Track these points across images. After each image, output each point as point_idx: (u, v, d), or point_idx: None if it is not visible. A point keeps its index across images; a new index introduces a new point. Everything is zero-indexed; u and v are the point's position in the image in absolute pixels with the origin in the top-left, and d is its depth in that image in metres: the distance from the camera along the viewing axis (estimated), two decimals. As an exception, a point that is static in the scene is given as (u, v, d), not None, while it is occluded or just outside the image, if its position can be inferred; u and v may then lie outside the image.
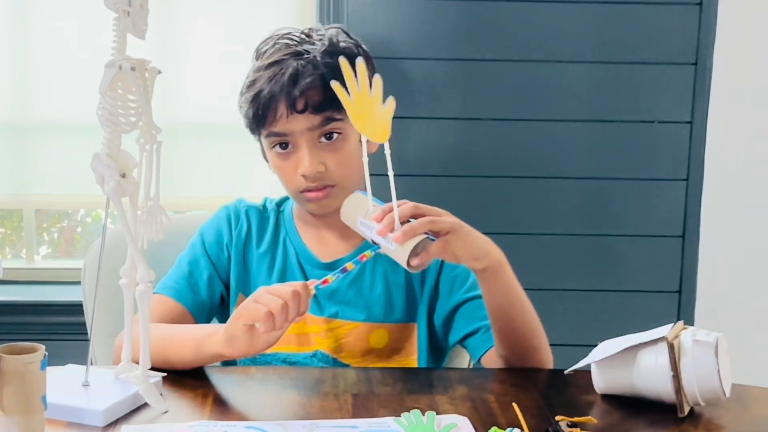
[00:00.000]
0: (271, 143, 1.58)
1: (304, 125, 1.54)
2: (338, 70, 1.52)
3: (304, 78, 1.53)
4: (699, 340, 1.33)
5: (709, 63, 2.71)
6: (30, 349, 1.09)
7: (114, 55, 1.25)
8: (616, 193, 2.76)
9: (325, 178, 1.56)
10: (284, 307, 1.31)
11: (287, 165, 1.57)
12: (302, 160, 1.54)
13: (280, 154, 1.57)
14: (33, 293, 2.82)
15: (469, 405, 1.37)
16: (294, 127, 1.54)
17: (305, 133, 1.54)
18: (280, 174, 1.60)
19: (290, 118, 1.54)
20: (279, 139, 1.56)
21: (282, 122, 1.54)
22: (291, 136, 1.55)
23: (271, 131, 1.56)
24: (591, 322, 2.78)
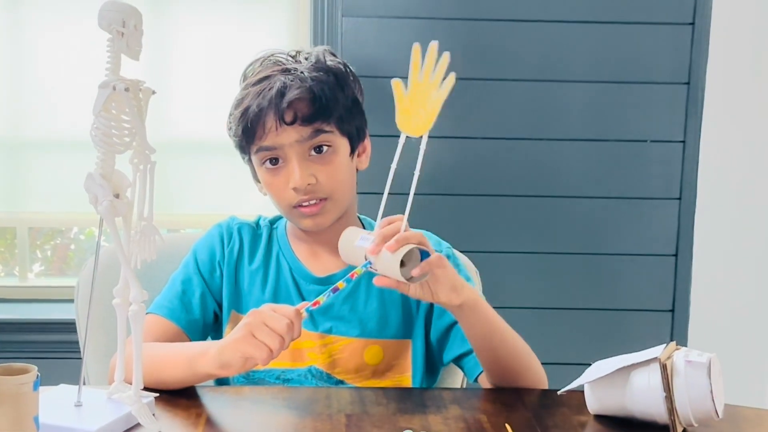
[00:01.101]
0: (261, 159, 1.58)
1: (294, 137, 1.54)
2: (326, 84, 1.55)
3: (291, 90, 1.54)
4: (692, 361, 1.33)
5: (702, 82, 2.72)
6: (23, 370, 1.09)
7: (108, 76, 1.25)
8: (609, 211, 2.77)
9: (316, 191, 1.56)
10: (281, 342, 1.33)
11: (278, 180, 1.57)
12: (293, 172, 1.55)
13: (270, 170, 1.58)
14: (26, 311, 2.81)
15: (462, 425, 1.37)
16: (283, 140, 1.55)
17: (294, 145, 1.55)
18: (271, 191, 1.60)
19: (279, 131, 1.54)
20: (269, 154, 1.57)
21: (271, 135, 1.55)
22: (281, 149, 1.55)
23: (261, 146, 1.56)
24: (584, 341, 2.78)
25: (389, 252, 1.32)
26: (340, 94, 1.58)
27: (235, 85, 1.67)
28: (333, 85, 1.58)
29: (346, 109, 1.59)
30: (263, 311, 1.36)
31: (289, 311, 1.34)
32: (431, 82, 1.28)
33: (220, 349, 1.38)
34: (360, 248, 1.37)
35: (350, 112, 1.60)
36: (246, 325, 1.35)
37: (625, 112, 2.73)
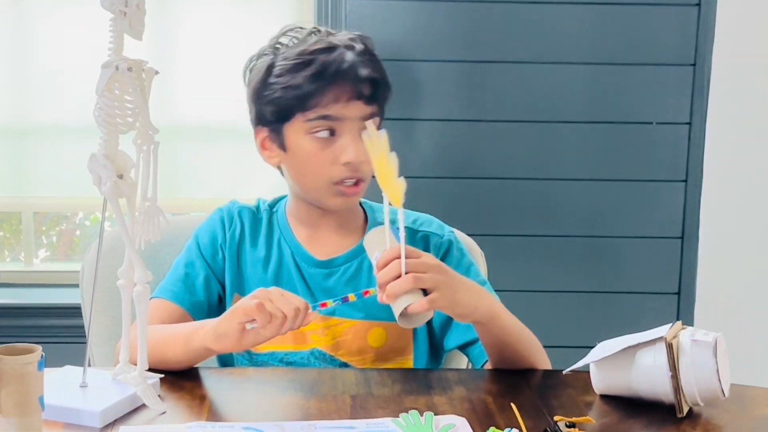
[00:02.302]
0: (313, 127, 1.55)
1: (357, 113, 1.54)
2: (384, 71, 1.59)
3: (363, 67, 1.54)
4: (698, 340, 1.33)
5: (708, 64, 2.71)
6: (27, 350, 1.09)
7: (110, 56, 1.25)
8: (615, 194, 2.76)
9: (361, 171, 1.55)
10: (283, 317, 1.33)
11: (326, 153, 1.55)
12: (348, 147, 1.53)
13: (321, 140, 1.55)
14: (31, 296, 2.82)
15: (467, 406, 1.37)
16: (348, 113, 1.54)
17: (355, 121, 1.54)
18: (313, 163, 1.56)
19: (349, 104, 1.54)
20: (327, 124, 1.54)
21: (339, 106, 1.53)
22: (341, 122, 1.54)
23: (322, 114, 1.54)
24: (590, 324, 2.78)
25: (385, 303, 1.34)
26: (390, 85, 1.61)
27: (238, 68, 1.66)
28: (387, 75, 1.60)
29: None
30: (271, 291, 1.36)
31: (298, 300, 1.35)
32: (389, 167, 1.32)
33: (217, 321, 1.39)
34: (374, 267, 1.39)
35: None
36: (252, 296, 1.36)
37: (630, 94, 2.72)
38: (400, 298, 1.32)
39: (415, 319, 1.35)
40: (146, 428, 1.26)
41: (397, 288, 1.32)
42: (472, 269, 1.66)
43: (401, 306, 1.32)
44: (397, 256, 1.34)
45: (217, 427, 1.25)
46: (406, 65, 2.67)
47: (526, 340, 1.54)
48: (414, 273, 1.33)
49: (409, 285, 1.33)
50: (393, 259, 1.34)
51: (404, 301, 1.32)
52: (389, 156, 1.31)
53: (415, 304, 1.33)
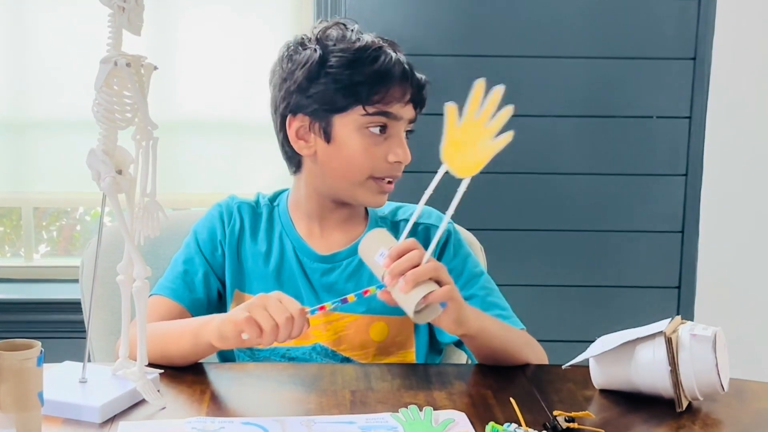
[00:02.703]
0: (369, 122, 1.55)
1: (410, 115, 1.59)
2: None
3: (417, 72, 1.60)
4: (697, 335, 1.33)
5: (708, 58, 2.71)
6: (26, 346, 1.09)
7: (109, 51, 1.25)
8: (615, 188, 2.76)
9: (400, 171, 1.60)
10: (275, 328, 1.33)
11: (379, 149, 1.56)
12: (399, 146, 1.57)
13: (376, 136, 1.56)
14: (32, 291, 2.82)
15: (466, 400, 1.37)
16: (404, 114, 1.57)
17: (405, 123, 1.58)
18: (360, 157, 1.56)
19: (407, 105, 1.58)
20: (384, 120, 1.56)
21: (399, 105, 1.56)
22: (396, 121, 1.57)
23: (383, 110, 1.55)
24: (590, 318, 2.78)
25: (404, 292, 1.32)
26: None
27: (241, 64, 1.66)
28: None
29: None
30: (270, 296, 1.36)
31: (294, 307, 1.35)
32: (486, 128, 1.27)
33: (221, 321, 1.39)
34: (377, 266, 1.37)
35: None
36: (248, 305, 1.36)
37: (630, 88, 2.72)
38: (416, 289, 1.31)
39: (426, 313, 1.35)
40: (146, 423, 1.26)
41: (421, 272, 1.31)
42: (470, 260, 1.66)
43: (419, 295, 1.31)
44: (414, 248, 1.34)
45: (217, 422, 1.25)
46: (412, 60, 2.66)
47: (514, 342, 1.55)
48: (435, 264, 1.34)
49: (432, 272, 1.33)
50: (409, 250, 1.33)
51: (420, 291, 1.31)
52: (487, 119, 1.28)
53: (438, 291, 1.32)
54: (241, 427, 1.25)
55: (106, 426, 1.25)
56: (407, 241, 1.35)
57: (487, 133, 1.27)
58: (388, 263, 1.33)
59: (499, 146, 1.26)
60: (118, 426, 1.24)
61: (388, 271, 1.33)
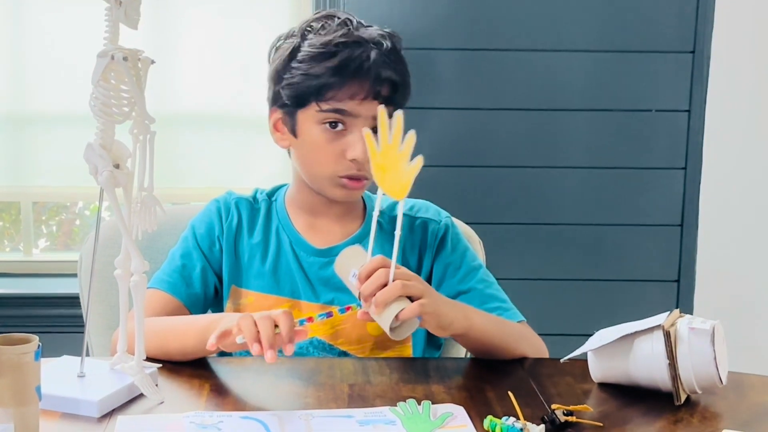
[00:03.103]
0: (323, 118, 1.55)
1: (371, 112, 1.53)
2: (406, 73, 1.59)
3: (385, 68, 1.54)
4: (695, 328, 1.33)
5: (707, 51, 2.70)
6: (24, 340, 1.09)
7: (106, 45, 1.25)
8: (614, 182, 2.76)
9: (366, 169, 1.55)
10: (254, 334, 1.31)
11: (334, 146, 1.55)
12: (356, 145, 1.53)
13: (330, 132, 1.55)
14: (31, 286, 2.82)
15: (465, 394, 1.37)
16: (362, 111, 1.54)
17: (368, 119, 1.54)
18: (319, 153, 1.57)
19: (364, 102, 1.54)
20: (337, 117, 1.55)
21: (354, 102, 1.53)
22: (353, 118, 1.54)
23: (336, 107, 1.54)
24: (589, 312, 2.78)
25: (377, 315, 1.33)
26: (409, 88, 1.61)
27: (239, 59, 1.66)
28: (409, 78, 1.60)
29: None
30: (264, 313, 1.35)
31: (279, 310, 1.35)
32: (400, 152, 1.29)
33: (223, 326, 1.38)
34: (352, 286, 1.38)
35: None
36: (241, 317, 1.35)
37: (629, 82, 2.71)
38: (388, 308, 1.32)
39: (404, 328, 1.35)
40: (144, 418, 1.26)
41: (387, 294, 1.32)
42: (468, 254, 1.66)
43: (392, 314, 1.32)
44: (381, 266, 1.34)
45: (215, 416, 1.25)
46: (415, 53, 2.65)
47: (507, 336, 1.55)
48: (399, 281, 1.34)
49: (398, 291, 1.33)
50: (376, 270, 1.34)
51: (393, 309, 1.32)
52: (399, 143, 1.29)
53: (407, 309, 1.33)
54: (240, 421, 1.25)
55: (104, 420, 1.25)
56: (374, 260, 1.35)
57: (403, 158, 1.29)
58: (358, 285, 1.34)
59: (415, 171, 1.28)
60: (116, 420, 1.24)
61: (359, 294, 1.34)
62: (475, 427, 1.24)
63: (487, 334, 1.51)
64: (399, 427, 1.24)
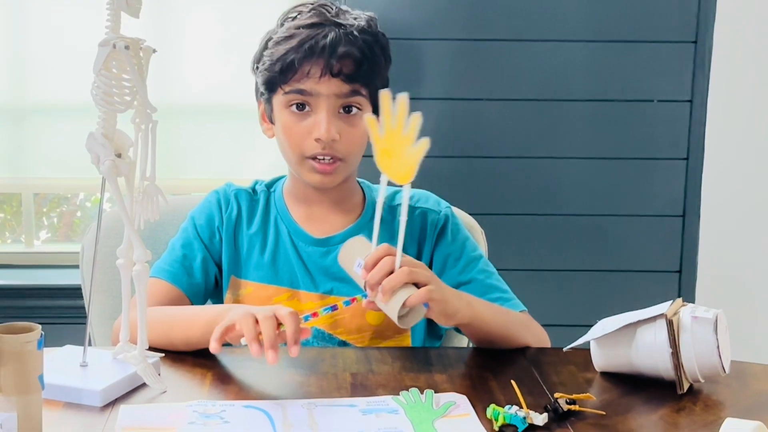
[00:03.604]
0: (289, 101, 1.57)
1: (332, 90, 1.54)
2: (374, 50, 1.56)
3: (345, 44, 1.54)
4: (698, 317, 1.33)
5: (709, 41, 2.70)
6: (26, 329, 1.09)
7: (108, 34, 1.25)
8: (616, 172, 2.76)
9: (336, 149, 1.56)
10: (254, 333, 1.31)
11: (300, 127, 1.56)
12: (320, 124, 1.54)
13: (296, 114, 1.57)
14: (32, 277, 2.82)
15: (467, 383, 1.37)
16: (322, 89, 1.54)
17: (330, 98, 1.55)
18: (288, 137, 1.58)
19: (321, 80, 1.54)
20: (301, 98, 1.56)
21: (312, 81, 1.54)
22: (314, 97, 1.55)
23: (296, 87, 1.55)
24: (591, 303, 2.78)
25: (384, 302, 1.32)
26: (383, 64, 1.60)
27: (241, 50, 1.66)
28: (379, 54, 1.59)
29: (382, 80, 1.60)
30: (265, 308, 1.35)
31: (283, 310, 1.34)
32: (404, 135, 1.28)
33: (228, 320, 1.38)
34: (357, 277, 1.37)
35: (383, 84, 1.60)
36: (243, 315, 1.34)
37: (631, 72, 2.71)
38: (395, 295, 1.31)
39: (410, 316, 1.35)
40: (147, 407, 1.26)
41: (395, 281, 1.31)
42: (468, 244, 1.66)
43: (399, 301, 1.31)
44: (387, 255, 1.33)
45: (218, 406, 1.25)
46: (405, 44, 2.65)
47: (510, 326, 1.55)
48: (406, 267, 1.33)
49: (405, 278, 1.32)
50: (382, 258, 1.33)
51: (400, 296, 1.31)
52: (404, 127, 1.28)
53: (415, 295, 1.32)
54: (243, 410, 1.25)
55: (107, 410, 1.25)
56: (380, 249, 1.35)
57: (407, 141, 1.28)
58: (364, 275, 1.33)
59: (421, 153, 1.27)
60: (119, 409, 1.24)
61: (363, 281, 1.34)
62: (477, 416, 1.24)
63: (490, 323, 1.51)
64: (402, 416, 1.24)
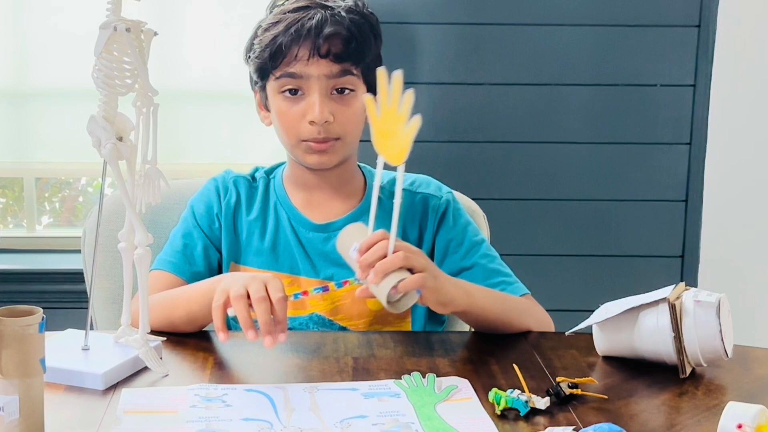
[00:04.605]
0: (281, 86, 1.57)
1: (322, 71, 1.54)
2: (362, 29, 1.56)
3: (331, 25, 1.54)
4: (701, 301, 1.33)
5: (713, 25, 2.68)
6: (28, 312, 1.09)
7: (109, 17, 1.24)
8: (619, 157, 2.75)
9: (330, 130, 1.56)
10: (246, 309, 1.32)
11: (294, 111, 1.56)
12: (313, 106, 1.54)
13: (289, 99, 1.57)
14: (34, 261, 2.82)
15: (469, 367, 1.37)
16: (312, 71, 1.54)
17: (321, 79, 1.55)
18: (283, 121, 1.58)
19: (310, 62, 1.54)
20: (292, 82, 1.56)
21: (301, 64, 1.54)
22: (306, 80, 1.55)
23: (286, 71, 1.55)
24: (594, 288, 2.78)
25: (375, 284, 1.31)
26: (372, 42, 1.60)
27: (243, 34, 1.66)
28: (368, 32, 1.59)
29: (373, 59, 1.60)
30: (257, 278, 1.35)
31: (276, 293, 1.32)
32: (399, 114, 1.27)
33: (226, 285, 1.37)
34: (352, 261, 1.36)
35: (375, 63, 1.60)
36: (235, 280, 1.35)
37: (634, 56, 2.70)
38: (387, 278, 1.30)
39: (402, 302, 1.34)
40: (149, 390, 1.26)
41: (388, 264, 1.30)
42: (470, 228, 1.66)
43: (389, 285, 1.30)
44: (382, 239, 1.33)
45: (220, 389, 1.26)
46: (405, 28, 2.65)
47: (510, 311, 1.55)
48: (403, 251, 1.33)
49: (400, 262, 1.31)
50: (377, 242, 1.33)
51: (391, 279, 1.30)
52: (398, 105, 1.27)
53: (408, 280, 1.31)
54: (244, 394, 1.25)
55: (108, 393, 1.25)
56: (376, 233, 1.34)
57: (402, 119, 1.27)
58: (358, 257, 1.33)
59: (413, 131, 1.26)
60: (120, 393, 1.24)
61: (357, 265, 1.33)
62: (479, 400, 1.24)
63: (489, 310, 1.51)
64: (404, 399, 1.24)
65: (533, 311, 1.59)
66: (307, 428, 1.15)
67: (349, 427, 1.16)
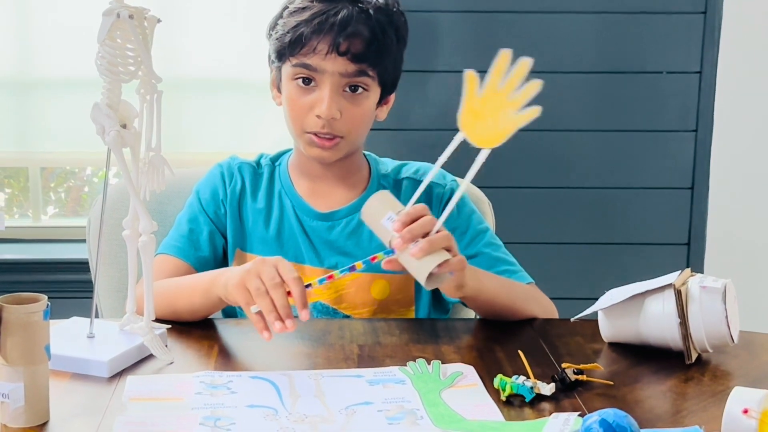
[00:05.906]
0: (295, 74, 1.56)
1: (338, 68, 1.53)
2: (387, 31, 1.55)
3: (354, 23, 1.53)
4: (707, 287, 1.33)
5: (719, 11, 2.67)
6: (32, 299, 1.09)
7: (112, 4, 1.24)
8: (625, 144, 2.75)
9: (336, 127, 1.55)
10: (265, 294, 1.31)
11: (304, 101, 1.56)
12: (322, 100, 1.53)
13: (301, 88, 1.56)
14: (40, 251, 2.83)
15: (474, 354, 1.37)
16: (327, 66, 1.53)
17: (335, 76, 1.54)
18: (291, 108, 1.58)
19: (328, 57, 1.53)
20: (306, 72, 1.55)
21: (318, 57, 1.53)
22: (320, 73, 1.54)
23: (303, 62, 1.54)
24: (599, 275, 2.77)
25: (416, 258, 1.28)
26: (395, 45, 1.58)
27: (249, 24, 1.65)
28: (392, 35, 1.58)
29: (393, 61, 1.59)
30: (267, 261, 1.34)
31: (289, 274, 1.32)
32: (510, 100, 1.23)
33: (228, 277, 1.39)
34: (384, 230, 1.31)
35: (394, 65, 1.59)
36: (243, 270, 1.34)
37: (640, 43, 2.69)
38: (430, 256, 1.27)
39: (435, 279, 1.31)
40: (154, 378, 1.26)
41: (438, 240, 1.29)
42: (474, 217, 1.65)
43: (435, 261, 1.27)
44: (425, 214, 1.31)
45: (225, 376, 1.25)
46: (417, 16, 2.63)
47: (516, 298, 1.55)
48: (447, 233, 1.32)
49: (447, 241, 1.30)
50: (420, 215, 1.30)
51: (437, 257, 1.27)
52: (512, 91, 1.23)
53: (455, 260, 1.30)
54: (249, 381, 1.25)
55: (114, 380, 1.25)
56: (418, 207, 1.32)
57: (511, 106, 1.23)
58: (399, 227, 1.29)
59: (524, 121, 1.23)
60: (126, 380, 1.24)
61: (399, 236, 1.28)
62: (485, 386, 1.24)
63: (496, 296, 1.51)
64: (409, 386, 1.24)
65: (539, 299, 1.59)
66: (312, 415, 1.15)
67: (354, 413, 1.16)
